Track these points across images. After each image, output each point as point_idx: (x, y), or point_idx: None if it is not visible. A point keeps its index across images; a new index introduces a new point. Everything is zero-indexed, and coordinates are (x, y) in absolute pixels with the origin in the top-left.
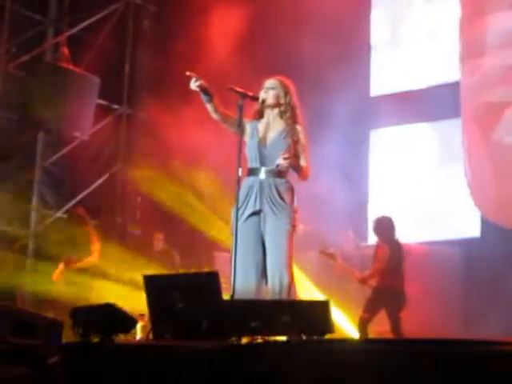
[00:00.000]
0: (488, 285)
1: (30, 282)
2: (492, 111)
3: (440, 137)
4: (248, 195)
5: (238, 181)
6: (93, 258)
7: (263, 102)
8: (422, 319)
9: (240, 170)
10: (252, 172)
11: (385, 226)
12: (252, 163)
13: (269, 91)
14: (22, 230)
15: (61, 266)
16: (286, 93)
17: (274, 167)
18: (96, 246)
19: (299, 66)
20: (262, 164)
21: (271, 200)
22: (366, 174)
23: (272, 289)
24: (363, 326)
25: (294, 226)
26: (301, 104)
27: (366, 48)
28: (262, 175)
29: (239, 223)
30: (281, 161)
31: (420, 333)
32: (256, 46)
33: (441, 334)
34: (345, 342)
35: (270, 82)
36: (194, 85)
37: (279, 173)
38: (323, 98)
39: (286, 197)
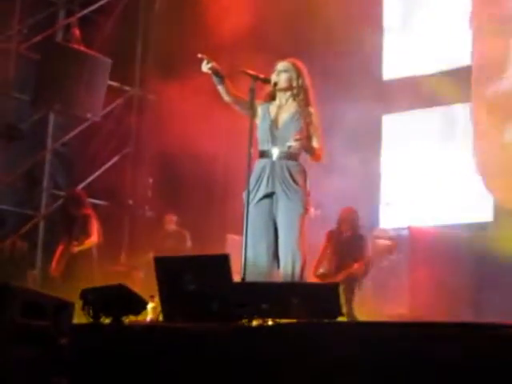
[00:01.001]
0: (501, 269)
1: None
2: (504, 97)
3: (453, 121)
4: (260, 177)
5: (249, 163)
6: (93, 239)
7: (275, 84)
8: (433, 303)
9: (251, 151)
10: (264, 154)
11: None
12: (264, 145)
13: (281, 74)
14: (33, 212)
15: (59, 250)
16: (299, 75)
17: (286, 148)
18: (95, 227)
19: (311, 49)
20: (274, 146)
21: (284, 182)
22: (378, 158)
23: (284, 272)
24: None
25: (306, 209)
26: (313, 87)
27: (378, 31)
28: (274, 157)
29: (251, 206)
30: (293, 142)
31: (430, 317)
32: (268, 30)
33: (451, 318)
34: (355, 325)
35: (282, 65)
36: (205, 67)
37: (291, 155)
38: (335, 82)
39: (299, 179)
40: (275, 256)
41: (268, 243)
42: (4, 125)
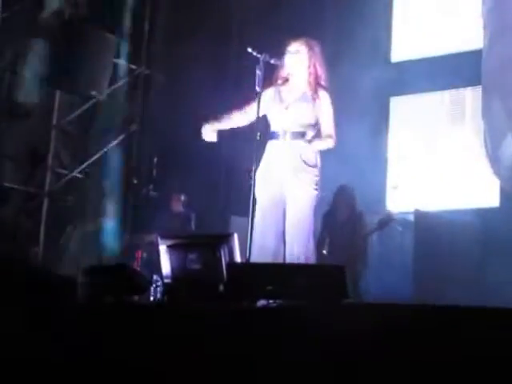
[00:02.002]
0: (507, 255)
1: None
2: None
3: (462, 105)
4: (270, 160)
5: (257, 145)
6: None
7: (287, 66)
8: (437, 288)
9: (259, 134)
10: (274, 136)
11: None
12: (275, 127)
13: (293, 56)
14: (37, 189)
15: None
16: (311, 56)
17: (297, 129)
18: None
19: (321, 30)
20: (285, 128)
21: (294, 164)
22: (385, 140)
23: (290, 254)
24: None
25: (316, 191)
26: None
27: (387, 13)
28: (285, 138)
29: (261, 187)
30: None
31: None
32: (279, 10)
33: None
34: (361, 308)
35: (293, 46)
36: (209, 136)
37: (303, 135)
38: (343, 63)
39: (310, 160)
40: (283, 237)
41: (277, 225)
42: (9, 102)
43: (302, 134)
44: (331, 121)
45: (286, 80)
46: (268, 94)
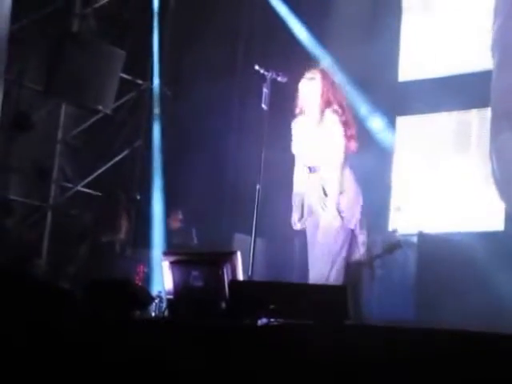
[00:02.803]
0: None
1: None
2: None
3: (468, 127)
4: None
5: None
6: (119, 235)
7: (301, 93)
8: (440, 310)
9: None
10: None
11: None
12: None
13: (308, 82)
14: (41, 203)
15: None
16: (324, 85)
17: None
18: (124, 223)
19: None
20: (302, 161)
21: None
22: (390, 160)
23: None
24: None
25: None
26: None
27: (395, 32)
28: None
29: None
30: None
31: (436, 324)
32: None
33: (457, 326)
34: (363, 329)
35: (309, 73)
36: None
37: (317, 169)
38: (350, 80)
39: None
40: None
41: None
42: (15, 114)
43: (315, 169)
44: (334, 146)
45: (302, 111)
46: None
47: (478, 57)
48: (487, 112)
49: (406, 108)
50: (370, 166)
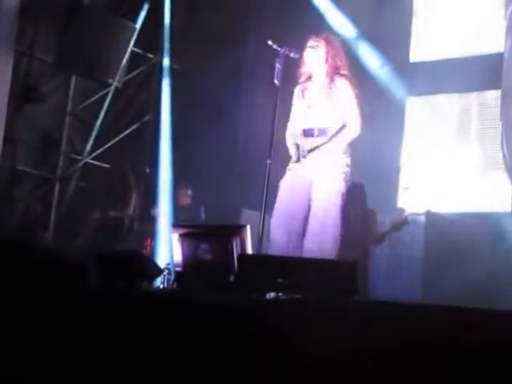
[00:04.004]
0: None
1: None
2: None
3: (479, 108)
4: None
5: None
6: (128, 211)
7: (306, 61)
8: (446, 291)
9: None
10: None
11: None
12: (298, 126)
13: (311, 50)
14: (49, 174)
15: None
16: (328, 50)
17: (319, 127)
18: (133, 199)
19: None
20: (307, 126)
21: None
22: (400, 140)
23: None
24: None
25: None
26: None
27: (407, 12)
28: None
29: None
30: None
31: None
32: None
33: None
34: (371, 305)
35: (312, 42)
36: None
37: (325, 132)
38: (362, 62)
39: (337, 154)
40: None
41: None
42: (25, 86)
43: (325, 131)
44: (352, 107)
45: (310, 77)
46: (295, 92)
47: (492, 38)
48: (499, 94)
49: (416, 88)
50: (380, 145)
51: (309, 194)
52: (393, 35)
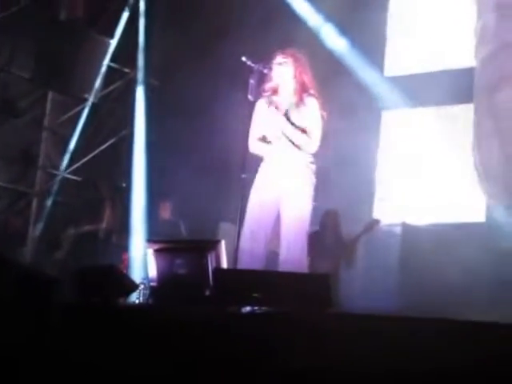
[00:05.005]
0: (492, 271)
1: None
2: (508, 102)
3: (453, 122)
4: (267, 164)
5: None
6: (101, 225)
7: (274, 77)
8: (423, 301)
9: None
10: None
11: None
12: (271, 132)
13: (279, 67)
14: (27, 189)
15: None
16: (296, 67)
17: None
18: (106, 212)
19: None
20: (279, 134)
21: (291, 167)
22: (374, 154)
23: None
24: None
25: (313, 192)
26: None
27: (381, 29)
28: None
29: (256, 191)
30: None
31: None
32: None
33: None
34: (344, 317)
35: (279, 58)
36: None
37: (295, 141)
38: (337, 77)
39: (306, 164)
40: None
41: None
42: (3, 101)
43: (294, 140)
44: (316, 127)
45: (276, 91)
46: (261, 104)
47: (464, 53)
48: (471, 107)
49: (391, 103)
50: (356, 158)
51: (277, 202)
52: (368, 51)
